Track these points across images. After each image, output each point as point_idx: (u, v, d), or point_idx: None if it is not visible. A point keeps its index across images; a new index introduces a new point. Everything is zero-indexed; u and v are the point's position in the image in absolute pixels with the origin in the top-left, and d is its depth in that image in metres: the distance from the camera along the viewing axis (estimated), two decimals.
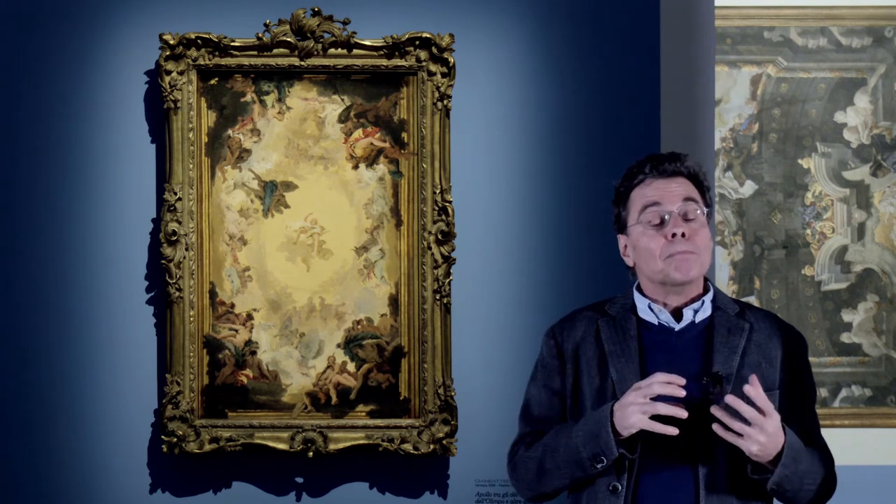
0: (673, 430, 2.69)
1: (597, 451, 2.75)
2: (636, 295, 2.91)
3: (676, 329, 2.84)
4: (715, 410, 2.70)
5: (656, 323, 2.86)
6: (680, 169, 2.87)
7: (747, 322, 2.85)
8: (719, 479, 2.77)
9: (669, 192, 2.84)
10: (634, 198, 2.88)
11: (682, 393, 2.70)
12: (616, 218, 2.93)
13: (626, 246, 2.91)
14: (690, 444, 2.77)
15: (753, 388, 2.69)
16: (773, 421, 2.69)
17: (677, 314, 2.86)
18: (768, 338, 2.85)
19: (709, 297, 2.88)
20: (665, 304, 2.86)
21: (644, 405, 2.70)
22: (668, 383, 2.70)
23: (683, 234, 2.80)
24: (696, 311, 2.85)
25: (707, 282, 2.91)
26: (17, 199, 3.69)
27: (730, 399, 2.69)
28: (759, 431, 2.67)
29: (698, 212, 2.84)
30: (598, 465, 2.76)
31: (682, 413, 2.69)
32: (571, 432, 2.81)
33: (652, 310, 2.87)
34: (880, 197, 5.24)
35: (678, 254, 2.80)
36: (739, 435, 2.68)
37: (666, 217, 2.82)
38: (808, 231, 5.25)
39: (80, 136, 3.69)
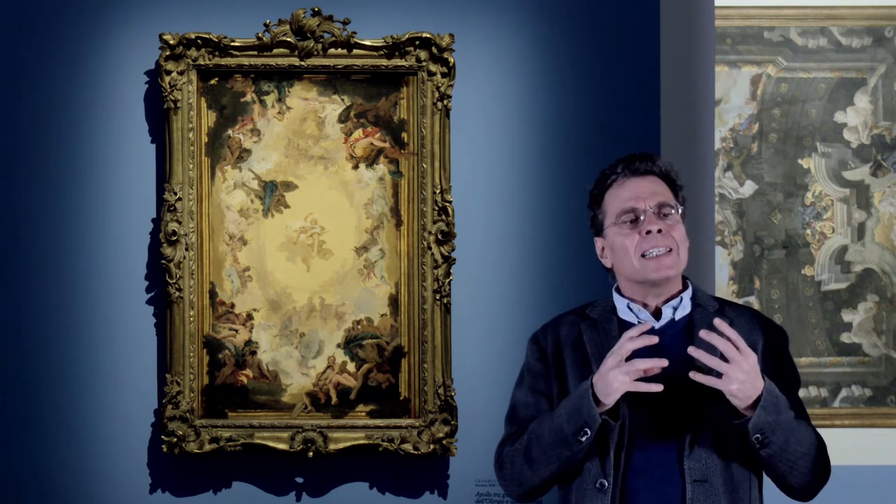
0: (657, 387, 2.71)
1: (580, 424, 2.76)
2: (615, 296, 2.92)
3: (656, 328, 2.85)
4: (692, 350, 2.71)
5: (636, 322, 2.87)
6: (652, 168, 2.90)
7: (727, 318, 2.86)
8: (707, 471, 2.77)
9: (643, 191, 2.86)
10: (609, 199, 2.90)
11: (655, 340, 2.73)
12: (592, 221, 2.95)
13: (602, 248, 2.93)
14: (676, 436, 2.78)
15: (723, 326, 2.70)
16: (750, 359, 2.70)
17: (657, 313, 2.87)
18: (748, 332, 2.86)
19: (687, 295, 2.89)
20: (644, 304, 2.88)
21: (623, 366, 2.72)
22: (639, 336, 2.73)
23: (659, 231, 2.82)
24: (675, 309, 2.86)
25: (686, 279, 2.92)
26: (18, 199, 3.69)
27: (703, 333, 2.71)
28: (737, 368, 2.69)
29: (673, 210, 2.85)
30: (583, 438, 2.76)
31: (663, 362, 2.71)
32: (554, 414, 2.83)
33: (631, 309, 2.88)
34: (880, 197, 5.24)
35: (654, 255, 2.81)
36: (718, 377, 2.69)
37: (641, 216, 2.84)
38: (808, 231, 5.25)
39: (80, 136, 3.69)
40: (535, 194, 3.74)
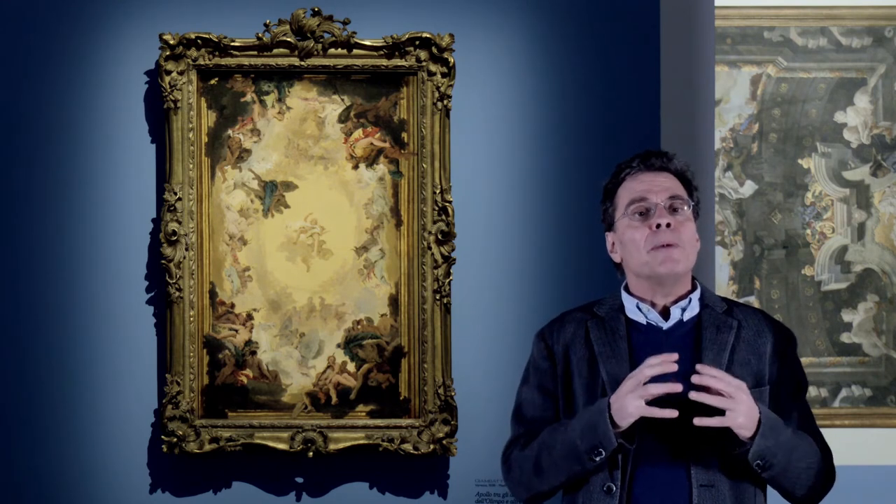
0: (672, 413, 2.70)
1: (595, 443, 2.75)
2: (624, 295, 2.91)
3: (665, 328, 2.84)
4: (694, 395, 2.70)
5: (644, 322, 2.86)
6: (667, 165, 2.90)
7: (735, 319, 2.85)
8: (713, 476, 2.77)
9: (656, 185, 2.86)
10: (622, 192, 2.89)
11: (675, 368, 2.71)
12: (604, 215, 2.94)
13: (613, 243, 2.92)
14: (683, 442, 2.77)
15: (706, 368, 2.71)
16: (744, 388, 2.71)
17: (665, 313, 2.86)
18: (757, 334, 2.85)
19: (696, 296, 2.88)
20: (653, 304, 2.87)
21: (639, 390, 2.71)
22: (660, 364, 2.72)
23: (669, 225, 2.81)
24: (683, 310, 2.85)
25: (694, 280, 2.91)
26: (18, 199, 3.69)
27: (696, 377, 2.70)
28: (737, 402, 2.69)
29: (685, 207, 2.85)
30: (597, 458, 2.75)
31: (677, 387, 2.70)
32: (568, 428, 2.82)
33: (640, 309, 2.87)
34: (880, 197, 5.24)
35: (663, 247, 2.80)
36: (721, 414, 2.69)
37: (651, 208, 2.83)
38: (808, 231, 5.25)
39: (80, 136, 3.69)
40: (535, 194, 3.74)
